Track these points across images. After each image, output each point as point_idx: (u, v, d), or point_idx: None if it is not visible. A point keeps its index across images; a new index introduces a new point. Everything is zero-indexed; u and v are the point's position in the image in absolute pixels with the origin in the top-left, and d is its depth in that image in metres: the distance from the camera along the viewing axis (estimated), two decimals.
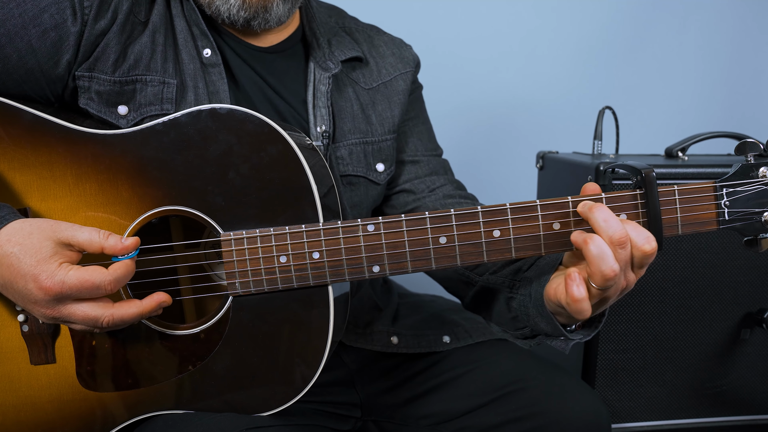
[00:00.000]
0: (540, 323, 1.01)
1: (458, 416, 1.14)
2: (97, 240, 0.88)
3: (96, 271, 0.87)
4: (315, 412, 1.14)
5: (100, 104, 1.04)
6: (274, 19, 1.11)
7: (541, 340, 1.07)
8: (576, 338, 1.00)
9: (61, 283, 0.86)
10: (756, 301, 1.61)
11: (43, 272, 0.86)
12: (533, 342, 1.09)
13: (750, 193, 0.91)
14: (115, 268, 0.89)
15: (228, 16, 1.09)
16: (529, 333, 1.08)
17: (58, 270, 0.86)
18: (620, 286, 0.90)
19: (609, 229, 0.85)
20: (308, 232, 0.93)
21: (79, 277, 0.86)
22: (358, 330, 1.24)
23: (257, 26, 1.12)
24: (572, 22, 2.28)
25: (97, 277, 0.87)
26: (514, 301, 1.07)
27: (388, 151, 1.26)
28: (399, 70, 1.30)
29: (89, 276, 0.87)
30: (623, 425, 1.64)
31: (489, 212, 0.92)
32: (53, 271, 0.86)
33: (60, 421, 0.99)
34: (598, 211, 0.87)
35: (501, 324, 1.15)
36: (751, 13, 2.36)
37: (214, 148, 0.93)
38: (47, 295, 0.86)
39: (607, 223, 0.86)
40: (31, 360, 0.98)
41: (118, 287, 0.90)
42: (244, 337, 0.96)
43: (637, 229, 0.87)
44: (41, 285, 0.86)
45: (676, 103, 2.38)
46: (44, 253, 0.86)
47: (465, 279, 1.22)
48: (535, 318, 1.02)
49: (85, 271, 0.87)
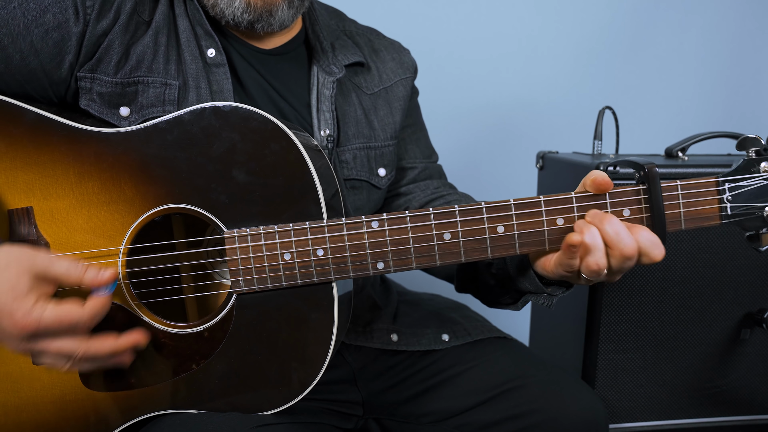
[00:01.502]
0: (522, 282, 1.03)
1: (458, 413, 1.14)
2: (74, 273, 0.87)
3: (73, 308, 0.86)
4: (320, 410, 1.14)
5: (101, 105, 1.04)
6: (277, 22, 1.11)
7: (527, 298, 1.09)
8: (558, 293, 1.03)
9: (37, 322, 0.84)
10: (756, 301, 1.62)
11: (18, 310, 0.84)
12: (520, 303, 1.11)
13: (752, 188, 0.92)
14: (92, 304, 0.88)
15: (232, 18, 1.09)
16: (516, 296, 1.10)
17: (35, 308, 0.84)
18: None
19: (620, 242, 0.87)
20: (312, 229, 0.93)
21: (56, 316, 0.85)
22: (358, 329, 1.25)
23: (260, 29, 1.11)
24: (572, 23, 2.28)
25: (75, 315, 0.86)
26: (493, 266, 1.09)
27: (390, 156, 1.27)
28: (399, 75, 1.31)
29: (66, 314, 0.85)
30: (623, 425, 1.64)
31: (493, 208, 0.93)
32: (29, 309, 0.84)
33: (62, 422, 0.99)
34: (608, 225, 0.87)
35: (489, 295, 1.16)
36: (751, 13, 2.37)
37: (218, 145, 0.93)
38: (22, 332, 0.84)
39: (619, 236, 0.87)
40: (33, 360, 0.98)
41: (94, 324, 0.89)
42: (248, 335, 0.96)
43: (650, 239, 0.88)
44: (16, 323, 0.84)
45: (676, 103, 2.39)
46: (20, 288, 0.84)
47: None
48: (516, 279, 1.04)
49: (62, 309, 0.86)
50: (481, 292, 1.18)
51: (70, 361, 0.89)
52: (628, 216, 0.92)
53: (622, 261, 0.88)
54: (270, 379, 0.96)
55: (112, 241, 0.96)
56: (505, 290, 1.10)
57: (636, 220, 0.92)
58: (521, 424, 1.09)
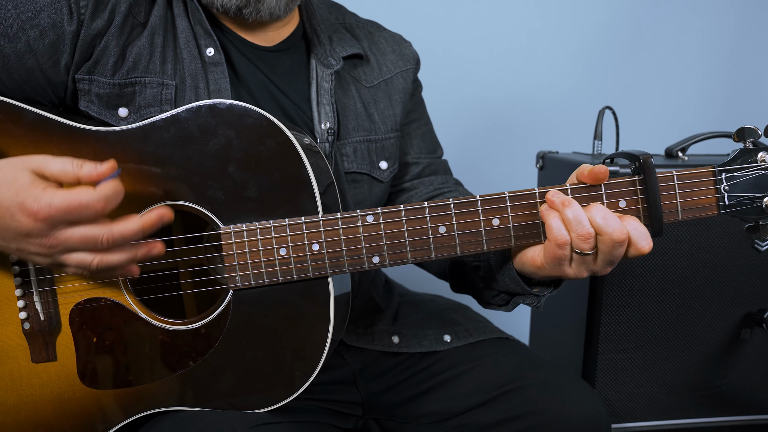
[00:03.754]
0: (509, 284, 1.03)
1: (458, 414, 1.14)
2: (71, 169, 0.85)
3: (83, 190, 0.84)
4: (320, 410, 1.14)
5: (100, 107, 1.04)
6: (266, 9, 1.09)
7: (516, 300, 1.09)
8: (545, 293, 1.03)
9: (48, 206, 0.82)
10: (756, 301, 1.62)
11: (27, 198, 0.82)
12: (512, 305, 1.11)
13: (749, 178, 0.91)
14: (102, 186, 0.85)
15: (221, 4, 1.08)
16: (507, 298, 1.10)
17: (43, 193, 0.82)
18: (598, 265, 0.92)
19: (608, 227, 0.87)
20: (308, 224, 0.94)
21: (66, 197, 0.82)
22: (359, 330, 1.24)
23: (248, 15, 1.10)
24: (572, 22, 2.28)
25: (85, 197, 0.83)
26: (480, 269, 1.10)
27: (391, 149, 1.27)
28: (399, 67, 1.30)
29: (77, 195, 0.83)
30: (623, 425, 1.64)
31: (488, 201, 0.93)
32: (38, 195, 0.82)
33: (61, 420, 0.99)
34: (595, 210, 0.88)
35: (480, 295, 1.16)
36: (751, 13, 2.37)
37: (214, 142, 0.94)
38: (37, 221, 0.82)
39: (606, 221, 0.87)
40: (33, 358, 0.98)
41: (108, 207, 0.85)
42: (245, 332, 0.96)
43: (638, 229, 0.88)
44: (28, 211, 0.82)
45: (676, 103, 2.39)
46: (22, 181, 0.83)
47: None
48: (503, 280, 1.04)
49: (71, 192, 0.83)
50: (473, 293, 1.19)
51: (98, 250, 0.86)
52: (624, 207, 0.92)
53: (612, 246, 0.88)
54: (267, 376, 0.96)
55: None
56: (494, 292, 1.11)
57: (632, 211, 0.92)
58: (522, 425, 1.09)
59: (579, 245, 0.88)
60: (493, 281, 1.08)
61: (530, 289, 1.02)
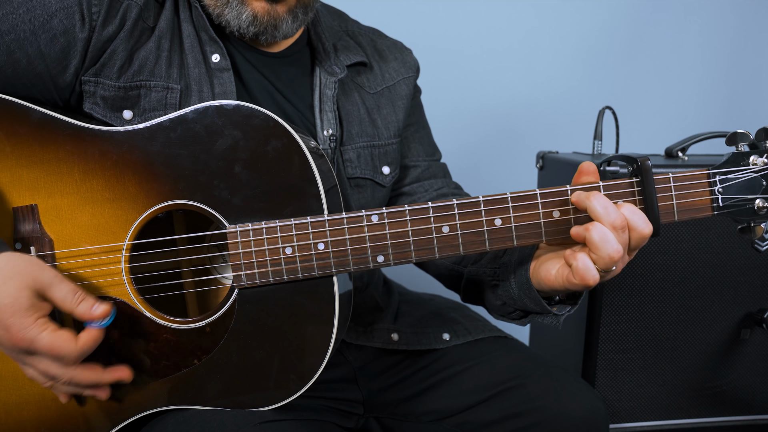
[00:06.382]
0: (528, 304, 1.04)
1: (458, 412, 1.14)
2: (69, 302, 0.89)
3: (66, 341, 0.88)
4: (322, 408, 1.14)
5: (105, 109, 1.05)
6: (281, 34, 1.13)
7: (533, 318, 1.10)
8: (563, 312, 1.04)
9: (30, 342, 0.87)
10: (756, 301, 1.62)
11: (15, 324, 0.87)
12: (526, 320, 1.11)
13: (741, 180, 0.94)
14: (85, 340, 0.90)
15: (238, 29, 1.10)
16: (521, 314, 1.11)
17: (33, 327, 0.87)
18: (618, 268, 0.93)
19: (609, 216, 0.88)
20: (313, 223, 0.94)
21: (49, 344, 0.88)
22: (359, 328, 1.25)
23: (264, 41, 1.13)
24: (572, 22, 2.29)
25: (65, 349, 0.88)
26: (499, 288, 1.10)
27: (394, 154, 1.28)
28: (402, 74, 1.32)
29: (59, 345, 0.88)
30: (623, 425, 1.65)
31: (490, 201, 0.94)
32: (27, 327, 0.87)
33: (64, 419, 1.00)
34: (596, 199, 0.89)
35: (495, 310, 1.17)
36: (751, 13, 2.37)
37: (221, 143, 0.94)
38: (14, 345, 0.88)
39: (607, 210, 0.88)
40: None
41: (80, 360, 0.91)
42: (250, 330, 0.97)
43: (635, 213, 0.90)
44: (11, 337, 0.87)
45: (676, 103, 2.39)
46: (21, 303, 0.87)
47: (455, 273, 1.25)
48: (521, 300, 1.05)
49: (56, 338, 0.88)
50: (487, 308, 1.19)
51: (53, 382, 0.92)
52: None
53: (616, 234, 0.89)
54: (271, 374, 0.97)
55: (115, 238, 0.97)
56: (510, 308, 1.11)
57: None
58: (521, 423, 1.09)
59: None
60: (510, 299, 1.08)
61: (550, 308, 1.03)
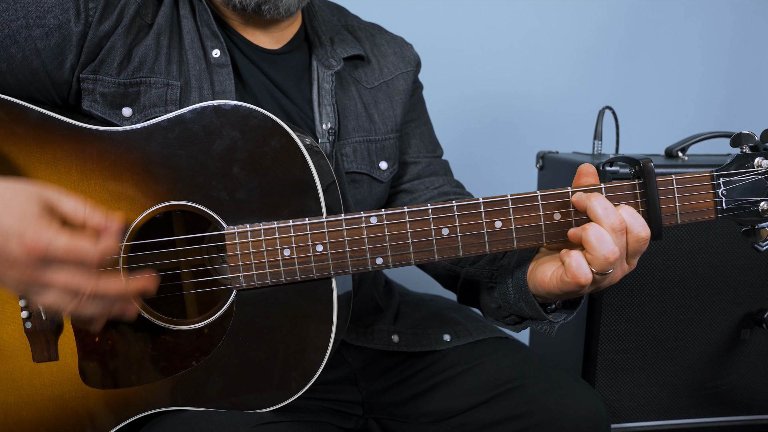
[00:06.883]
0: (524, 309, 1.03)
1: (458, 413, 1.14)
2: (81, 213, 0.85)
3: (85, 243, 0.82)
4: (321, 410, 1.14)
5: (104, 106, 1.05)
6: (284, 6, 1.11)
7: (528, 323, 1.09)
8: (559, 320, 1.03)
9: (47, 245, 0.80)
10: (756, 301, 1.62)
11: (29, 230, 0.80)
12: (521, 326, 1.11)
13: (746, 182, 0.92)
14: (105, 243, 0.84)
15: (240, 0, 1.09)
16: (516, 319, 1.10)
17: (47, 230, 0.81)
18: (616, 275, 0.92)
19: (609, 217, 0.87)
20: (311, 225, 0.94)
21: (68, 245, 0.81)
22: (359, 330, 1.25)
23: (267, 12, 1.11)
24: (572, 22, 2.29)
25: (86, 250, 0.82)
26: (495, 291, 1.10)
27: (391, 149, 1.27)
28: (400, 69, 1.31)
29: (78, 246, 0.82)
30: (623, 425, 1.65)
31: (490, 203, 0.93)
32: (41, 230, 0.80)
33: (62, 419, 0.99)
34: (596, 200, 0.88)
35: (490, 313, 1.16)
36: (751, 13, 2.37)
37: (219, 143, 0.94)
38: (30, 255, 0.80)
39: (607, 211, 0.87)
40: (34, 357, 0.98)
41: (102, 265, 0.85)
42: (248, 332, 0.96)
43: (633, 216, 0.89)
44: (26, 244, 0.80)
45: (676, 103, 2.39)
46: (30, 212, 0.81)
47: (452, 273, 1.24)
48: (517, 304, 1.04)
49: (74, 240, 0.82)
50: (483, 311, 1.19)
51: (76, 299, 0.85)
52: None
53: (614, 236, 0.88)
54: (270, 376, 0.96)
55: None
56: (505, 312, 1.10)
57: None
58: (522, 424, 1.09)
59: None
60: (506, 303, 1.08)
61: (545, 314, 1.02)
